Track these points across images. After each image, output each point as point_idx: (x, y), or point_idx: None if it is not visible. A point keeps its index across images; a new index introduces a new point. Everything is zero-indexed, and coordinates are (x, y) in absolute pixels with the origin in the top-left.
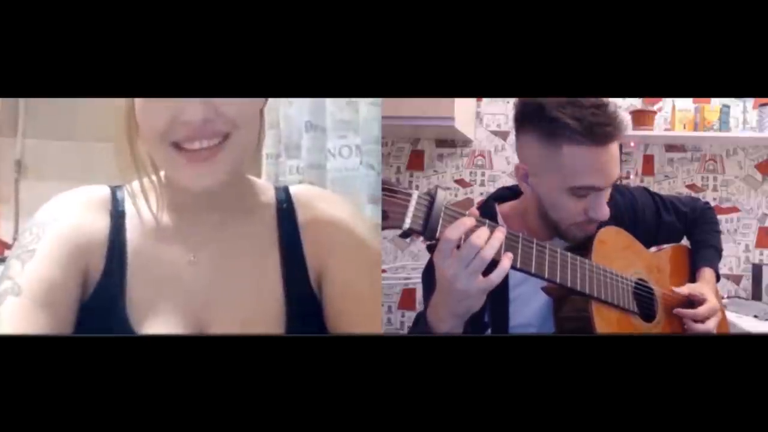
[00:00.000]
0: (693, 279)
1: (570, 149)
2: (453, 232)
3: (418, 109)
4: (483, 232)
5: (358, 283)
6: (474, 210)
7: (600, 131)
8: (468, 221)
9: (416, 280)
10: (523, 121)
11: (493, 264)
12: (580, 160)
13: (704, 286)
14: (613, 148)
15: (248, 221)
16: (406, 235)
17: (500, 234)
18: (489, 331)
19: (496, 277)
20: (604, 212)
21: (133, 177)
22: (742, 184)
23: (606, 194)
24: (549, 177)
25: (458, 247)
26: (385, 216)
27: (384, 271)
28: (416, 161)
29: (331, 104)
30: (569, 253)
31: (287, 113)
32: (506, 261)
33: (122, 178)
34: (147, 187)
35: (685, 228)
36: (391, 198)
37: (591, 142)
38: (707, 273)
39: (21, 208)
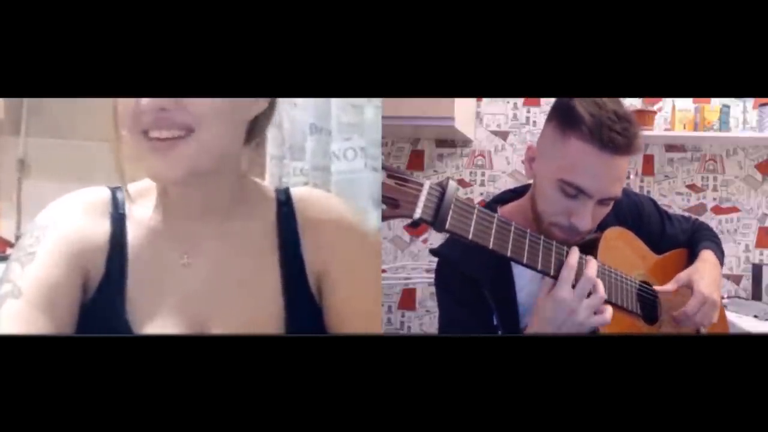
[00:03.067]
0: None
1: (576, 143)
2: (566, 289)
3: (418, 109)
4: (593, 267)
5: (359, 286)
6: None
7: (608, 136)
8: (573, 260)
9: (416, 280)
10: (554, 105)
11: None
12: (582, 157)
13: (698, 269)
14: (618, 163)
15: (248, 223)
16: (415, 224)
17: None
18: (500, 333)
19: (608, 314)
20: (586, 223)
21: (127, 178)
22: (742, 184)
23: (591, 207)
24: (548, 163)
25: (573, 285)
26: (395, 204)
27: (384, 271)
28: (416, 161)
29: (336, 107)
30: None
31: (292, 115)
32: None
33: (119, 179)
34: (144, 189)
35: (686, 241)
36: (402, 186)
37: (598, 144)
38: (705, 253)
39: (23, 207)
